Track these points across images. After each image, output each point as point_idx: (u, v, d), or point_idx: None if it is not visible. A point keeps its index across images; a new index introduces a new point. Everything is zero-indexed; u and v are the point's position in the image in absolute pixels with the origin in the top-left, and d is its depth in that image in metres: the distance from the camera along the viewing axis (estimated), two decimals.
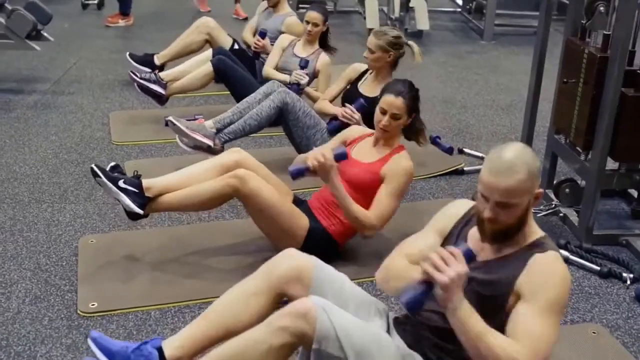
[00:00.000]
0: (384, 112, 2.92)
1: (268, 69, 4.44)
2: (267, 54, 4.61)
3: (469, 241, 1.98)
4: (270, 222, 2.89)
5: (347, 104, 3.62)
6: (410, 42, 3.78)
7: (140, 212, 2.83)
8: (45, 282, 2.82)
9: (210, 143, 3.67)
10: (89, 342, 2.11)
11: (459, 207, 2.11)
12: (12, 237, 3.16)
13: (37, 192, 3.60)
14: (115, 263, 2.94)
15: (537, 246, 1.90)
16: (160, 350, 2.06)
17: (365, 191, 2.96)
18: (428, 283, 1.77)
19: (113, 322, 2.59)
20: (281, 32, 4.76)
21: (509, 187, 1.81)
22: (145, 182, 2.85)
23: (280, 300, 2.14)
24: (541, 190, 1.89)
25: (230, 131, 3.76)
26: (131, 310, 2.65)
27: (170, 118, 3.69)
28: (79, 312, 2.63)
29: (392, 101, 2.90)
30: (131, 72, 4.52)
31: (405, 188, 2.95)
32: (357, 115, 3.55)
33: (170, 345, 2.08)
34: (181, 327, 2.54)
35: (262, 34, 4.68)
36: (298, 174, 2.76)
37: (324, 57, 4.31)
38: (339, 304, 2.00)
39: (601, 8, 3.12)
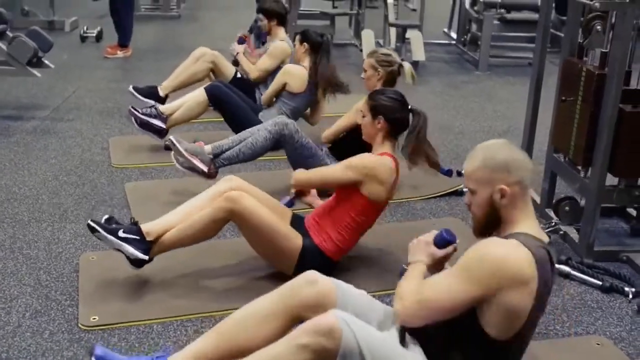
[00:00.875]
0: None
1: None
2: (233, 55, 5.01)
3: None
4: (264, 242, 2.87)
5: None
6: (403, 62, 3.82)
7: (145, 257, 2.80)
8: (45, 297, 2.80)
9: (205, 169, 3.68)
10: None
11: None
12: (12, 254, 3.14)
13: (37, 212, 3.59)
14: (117, 279, 2.92)
15: (505, 236, 1.93)
16: None
17: (342, 196, 2.98)
18: None
19: (115, 335, 2.57)
20: None
21: (465, 170, 2.01)
22: (144, 227, 2.83)
23: (297, 323, 2.09)
24: (504, 187, 1.91)
25: (225, 157, 3.78)
26: (133, 324, 2.63)
27: (171, 138, 3.70)
28: (79, 325, 2.61)
29: (363, 99, 3.05)
30: (132, 107, 4.47)
31: (354, 165, 2.91)
32: None
33: None
34: (183, 340, 2.55)
35: (240, 40, 5.03)
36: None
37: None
38: (362, 318, 1.99)
39: (598, 27, 3.18)
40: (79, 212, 3.59)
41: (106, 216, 2.94)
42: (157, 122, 4.44)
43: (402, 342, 2.03)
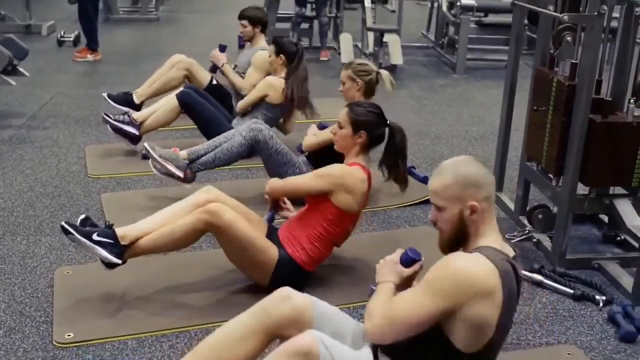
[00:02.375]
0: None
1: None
2: (218, 66, 4.82)
3: None
4: (241, 254, 2.89)
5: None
6: (381, 70, 3.84)
7: (119, 262, 2.80)
8: (20, 314, 2.79)
9: (180, 174, 3.70)
10: None
11: None
12: None
13: (11, 225, 3.57)
14: (92, 294, 2.92)
15: (469, 250, 1.97)
16: None
17: (313, 207, 3.02)
18: None
19: (89, 352, 2.57)
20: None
21: (434, 188, 2.00)
22: (119, 231, 2.82)
23: (273, 340, 2.13)
24: (474, 203, 1.94)
25: (201, 162, 3.79)
26: (107, 340, 2.63)
27: (145, 145, 3.72)
28: (54, 343, 2.60)
29: (342, 111, 3.02)
30: (105, 114, 4.54)
31: (325, 174, 2.95)
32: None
33: None
34: (158, 356, 2.56)
35: (222, 48, 4.86)
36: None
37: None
38: (338, 337, 2.02)
39: (568, 38, 3.21)
40: (54, 225, 3.57)
41: (82, 216, 2.92)
42: (129, 129, 4.48)
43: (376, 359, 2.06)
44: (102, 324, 2.73)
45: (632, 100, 3.22)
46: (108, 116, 4.50)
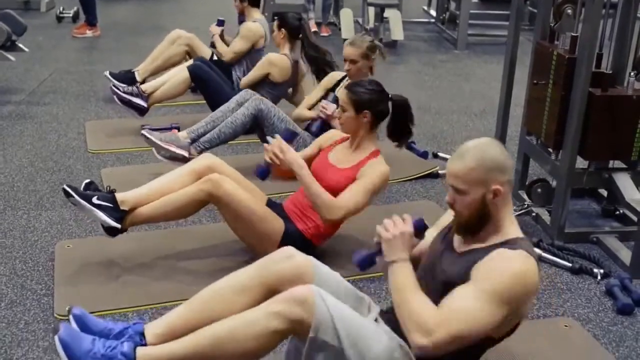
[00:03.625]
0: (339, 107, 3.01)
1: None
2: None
3: (454, 242, 2.03)
4: (245, 226, 2.90)
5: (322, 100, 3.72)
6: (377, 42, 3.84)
7: (118, 226, 2.83)
8: (21, 287, 2.81)
9: (185, 154, 3.70)
10: (71, 318, 2.10)
11: (448, 216, 2.13)
12: None
13: (12, 199, 3.59)
14: (93, 267, 2.94)
15: (508, 243, 1.91)
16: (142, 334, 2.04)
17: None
18: (379, 244, 2.00)
19: None
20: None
21: (457, 171, 1.91)
22: (119, 196, 2.85)
23: (272, 296, 2.10)
24: (499, 187, 1.89)
25: (206, 140, 3.79)
26: (108, 312, 2.65)
27: (144, 132, 3.71)
28: (55, 315, 2.63)
29: (341, 93, 3.00)
30: (113, 86, 4.58)
31: (378, 189, 2.93)
32: (332, 107, 3.63)
33: (152, 332, 2.05)
34: None
35: (220, 22, 5.02)
36: (263, 175, 2.88)
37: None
38: (338, 299, 2.01)
39: (569, 11, 3.20)
40: (54, 200, 3.59)
41: (87, 180, 2.98)
42: (138, 101, 4.49)
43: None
44: (103, 296, 2.75)
45: (632, 74, 3.21)
46: (117, 88, 4.51)
